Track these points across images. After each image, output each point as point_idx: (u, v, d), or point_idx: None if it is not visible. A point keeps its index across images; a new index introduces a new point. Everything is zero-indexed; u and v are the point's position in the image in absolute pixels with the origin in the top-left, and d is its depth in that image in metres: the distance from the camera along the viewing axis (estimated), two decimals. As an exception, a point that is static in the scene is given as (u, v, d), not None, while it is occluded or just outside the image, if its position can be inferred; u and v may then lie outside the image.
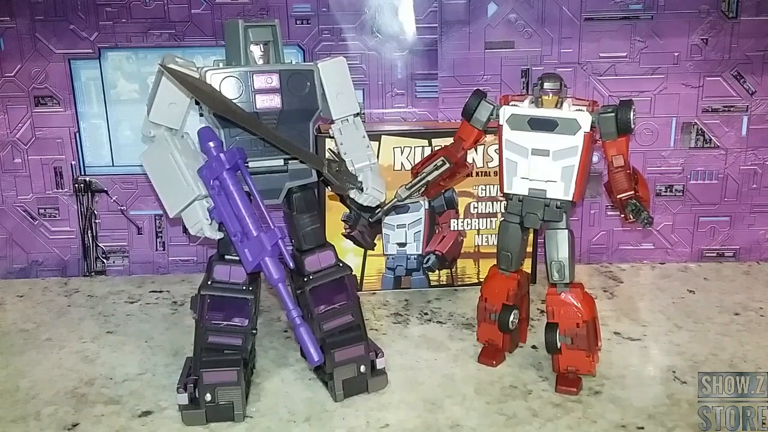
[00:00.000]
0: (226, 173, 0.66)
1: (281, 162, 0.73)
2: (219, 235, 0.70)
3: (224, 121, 0.69)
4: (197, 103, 0.70)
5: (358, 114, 0.75)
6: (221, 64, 0.72)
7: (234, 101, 0.68)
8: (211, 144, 0.67)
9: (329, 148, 0.77)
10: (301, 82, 0.71)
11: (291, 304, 0.65)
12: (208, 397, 0.69)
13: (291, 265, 0.67)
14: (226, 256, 0.72)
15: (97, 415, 0.71)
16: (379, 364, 0.75)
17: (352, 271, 0.77)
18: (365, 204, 0.75)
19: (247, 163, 0.70)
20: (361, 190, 0.74)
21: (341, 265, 0.76)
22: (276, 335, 0.88)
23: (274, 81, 0.70)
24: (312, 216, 0.76)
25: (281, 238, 0.66)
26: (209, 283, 0.73)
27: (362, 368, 0.73)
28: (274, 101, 0.70)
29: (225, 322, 0.72)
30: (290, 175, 0.74)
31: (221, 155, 0.66)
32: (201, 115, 0.72)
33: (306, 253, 0.75)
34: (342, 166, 0.73)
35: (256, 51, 0.71)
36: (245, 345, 0.73)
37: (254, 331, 0.75)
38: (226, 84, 0.69)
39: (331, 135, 0.76)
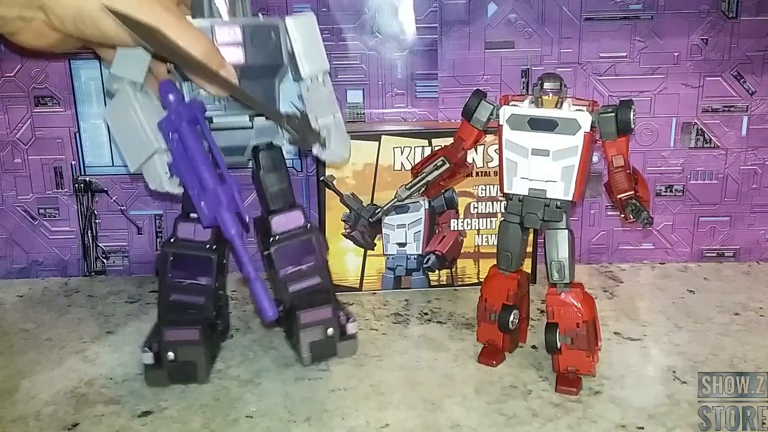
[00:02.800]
0: (184, 126, 0.65)
1: (246, 119, 0.71)
2: (179, 190, 0.69)
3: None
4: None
5: (327, 71, 0.73)
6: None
7: None
8: (171, 97, 0.65)
9: (291, 101, 0.75)
10: (266, 37, 0.69)
11: (246, 258, 0.63)
12: (171, 355, 0.68)
13: (246, 219, 0.65)
14: (191, 214, 0.70)
15: (97, 414, 0.71)
16: (350, 329, 0.73)
17: (320, 232, 0.74)
18: (329, 161, 0.73)
19: (211, 118, 0.69)
20: (324, 146, 0.72)
21: (309, 225, 0.74)
22: (276, 335, 0.88)
23: (237, 35, 0.68)
24: (279, 175, 0.74)
25: (237, 191, 0.65)
26: (172, 240, 0.72)
27: (329, 331, 0.71)
28: (237, 55, 0.68)
29: (188, 281, 0.71)
30: (256, 133, 0.72)
31: (180, 107, 0.65)
32: (168, 71, 0.71)
33: (273, 214, 0.73)
34: (303, 121, 0.71)
35: (221, 4, 0.69)
36: (208, 304, 0.71)
37: (221, 292, 0.74)
38: None
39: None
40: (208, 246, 0.71)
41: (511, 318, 0.78)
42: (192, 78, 0.68)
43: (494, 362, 0.79)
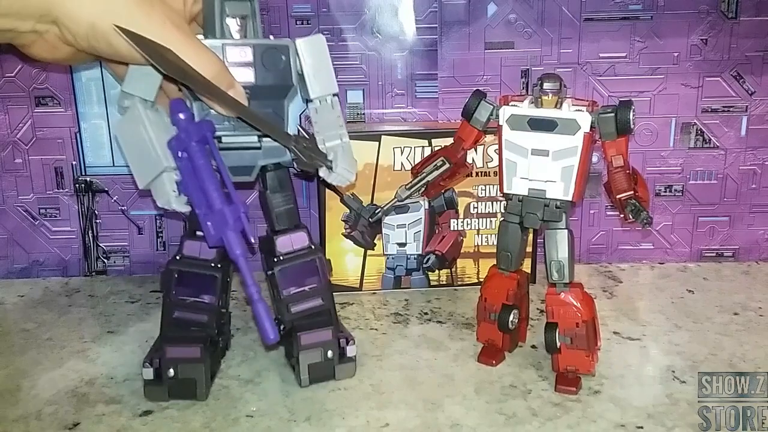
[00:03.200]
0: (193, 145, 0.65)
1: (255, 139, 0.72)
2: (186, 209, 0.69)
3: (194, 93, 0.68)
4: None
5: (336, 94, 0.74)
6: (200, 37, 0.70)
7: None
8: (181, 116, 0.66)
9: (299, 125, 0.76)
10: (276, 58, 0.70)
11: (250, 279, 0.63)
12: (171, 372, 0.69)
13: (252, 240, 0.66)
14: (198, 232, 0.71)
15: (98, 414, 0.71)
16: (350, 351, 0.74)
17: (324, 254, 0.75)
18: (335, 183, 0.74)
19: (220, 137, 0.70)
20: (330, 168, 0.72)
21: (314, 247, 0.75)
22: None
23: (248, 55, 0.69)
24: (286, 196, 0.75)
25: (243, 212, 0.65)
26: (178, 258, 0.72)
27: (329, 354, 0.72)
28: (247, 75, 0.69)
29: (192, 298, 0.72)
30: (264, 153, 0.73)
31: (189, 127, 0.65)
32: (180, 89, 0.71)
33: (278, 234, 0.74)
34: (310, 143, 0.71)
35: (233, 25, 0.70)
36: (211, 322, 0.72)
37: (224, 310, 0.75)
38: None
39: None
40: (212, 264, 0.72)
41: (511, 318, 0.78)
42: (201, 98, 0.69)
43: (494, 362, 0.80)
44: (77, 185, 1.07)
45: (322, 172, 0.73)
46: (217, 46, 0.68)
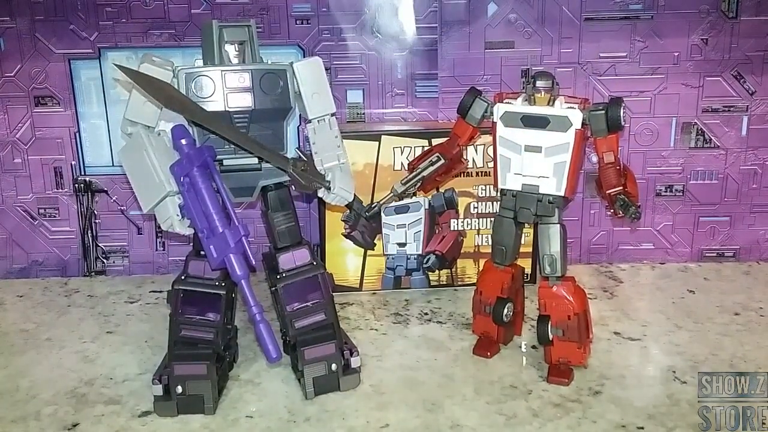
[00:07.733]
0: (195, 170, 0.67)
1: (255, 160, 0.73)
2: (189, 231, 0.71)
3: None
4: None
5: (333, 114, 0.75)
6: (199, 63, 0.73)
7: (207, 100, 0.69)
8: (183, 141, 0.68)
9: (297, 147, 0.77)
10: (274, 82, 0.72)
11: (252, 300, 0.66)
12: (179, 389, 0.70)
13: (253, 262, 0.68)
14: (202, 252, 0.72)
15: (97, 415, 0.71)
16: (354, 363, 0.75)
17: (326, 269, 0.77)
18: (333, 203, 0.76)
19: (221, 160, 0.72)
20: (329, 189, 0.74)
21: (315, 263, 0.77)
22: (275, 336, 0.87)
23: (246, 80, 0.70)
24: (287, 214, 0.77)
25: (244, 235, 0.67)
26: (183, 278, 0.74)
27: (333, 366, 0.74)
28: (245, 100, 0.71)
29: (198, 317, 0.74)
30: (264, 173, 0.74)
31: (191, 152, 0.67)
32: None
33: (281, 251, 0.76)
34: (308, 165, 0.73)
35: (231, 50, 0.71)
36: (217, 339, 0.74)
37: (229, 326, 0.76)
38: (199, 83, 0.70)
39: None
40: (217, 283, 0.74)
41: (505, 311, 0.79)
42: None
43: (489, 354, 0.80)
44: (76, 185, 1.07)
45: (321, 193, 0.75)
46: (217, 72, 0.70)
